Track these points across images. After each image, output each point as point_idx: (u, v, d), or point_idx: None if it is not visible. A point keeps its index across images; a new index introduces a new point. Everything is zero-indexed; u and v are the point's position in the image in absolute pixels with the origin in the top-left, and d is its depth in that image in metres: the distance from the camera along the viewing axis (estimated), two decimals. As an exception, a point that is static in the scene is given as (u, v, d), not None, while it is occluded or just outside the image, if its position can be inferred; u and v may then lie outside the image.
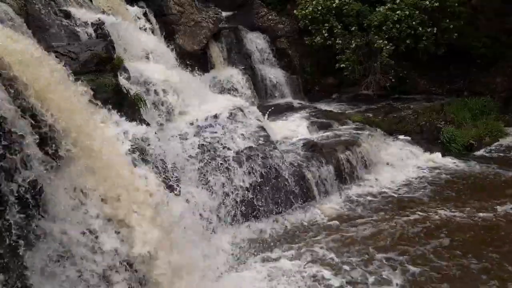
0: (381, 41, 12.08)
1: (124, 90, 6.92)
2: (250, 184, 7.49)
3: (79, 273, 3.83)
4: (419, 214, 7.43)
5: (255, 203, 7.42)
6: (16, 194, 3.29)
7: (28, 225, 3.46)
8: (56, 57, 4.94)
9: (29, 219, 3.46)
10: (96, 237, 4.08)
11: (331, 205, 7.91)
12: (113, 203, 4.31)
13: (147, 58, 9.23)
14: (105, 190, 4.27)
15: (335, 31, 12.78)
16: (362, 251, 6.38)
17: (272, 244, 6.70)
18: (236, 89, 11.79)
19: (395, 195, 8.28)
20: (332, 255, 6.31)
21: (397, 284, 5.57)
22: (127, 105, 6.68)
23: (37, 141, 3.55)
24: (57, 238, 3.73)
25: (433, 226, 7.03)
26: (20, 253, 3.33)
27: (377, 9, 12.41)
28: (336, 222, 7.31)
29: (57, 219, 3.79)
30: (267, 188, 7.61)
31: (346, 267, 5.99)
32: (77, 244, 3.88)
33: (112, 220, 4.26)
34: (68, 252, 3.77)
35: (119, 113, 5.96)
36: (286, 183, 7.82)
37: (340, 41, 12.68)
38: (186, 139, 7.76)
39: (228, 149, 7.79)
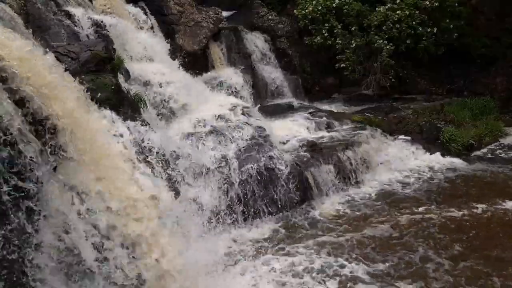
0: (381, 41, 12.09)
1: (124, 90, 6.93)
2: (250, 185, 7.49)
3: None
4: (419, 214, 7.43)
5: (255, 203, 7.42)
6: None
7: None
8: (56, 57, 4.94)
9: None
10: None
11: (331, 206, 7.89)
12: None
13: (147, 58, 9.22)
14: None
15: (335, 31, 12.77)
16: (361, 251, 6.38)
17: (271, 244, 6.70)
18: (236, 89, 11.76)
19: (395, 195, 8.27)
20: (330, 255, 6.31)
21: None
22: (127, 105, 6.69)
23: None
24: None
25: (432, 225, 7.04)
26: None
27: (377, 9, 12.41)
28: (336, 223, 7.30)
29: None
30: (267, 188, 7.61)
31: (343, 269, 5.99)
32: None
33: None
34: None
35: (119, 113, 5.97)
36: (285, 183, 7.81)
37: (340, 41, 12.67)
38: (186, 138, 7.77)
39: (228, 149, 7.79)
